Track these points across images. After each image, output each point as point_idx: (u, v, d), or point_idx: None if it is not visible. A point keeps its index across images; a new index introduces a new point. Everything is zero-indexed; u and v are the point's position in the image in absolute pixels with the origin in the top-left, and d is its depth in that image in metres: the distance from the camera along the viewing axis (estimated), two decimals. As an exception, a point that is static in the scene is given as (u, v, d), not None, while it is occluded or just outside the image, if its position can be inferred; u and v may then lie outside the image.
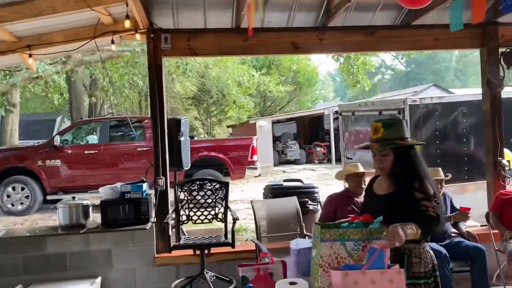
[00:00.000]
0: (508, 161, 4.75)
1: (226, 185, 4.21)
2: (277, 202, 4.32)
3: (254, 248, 4.08)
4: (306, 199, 4.67)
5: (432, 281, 2.18)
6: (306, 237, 4.44)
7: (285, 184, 5.15)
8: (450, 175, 4.44)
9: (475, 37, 4.68)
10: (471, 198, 4.88)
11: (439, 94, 15.01)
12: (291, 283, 1.78)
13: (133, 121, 9.39)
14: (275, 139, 16.50)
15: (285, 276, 2.11)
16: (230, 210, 4.13)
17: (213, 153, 9.42)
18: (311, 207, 4.62)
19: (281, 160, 16.79)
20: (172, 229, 4.05)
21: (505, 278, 4.00)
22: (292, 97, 20.97)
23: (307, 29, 4.53)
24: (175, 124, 4.43)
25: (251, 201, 4.32)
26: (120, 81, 12.33)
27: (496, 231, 4.36)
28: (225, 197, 4.18)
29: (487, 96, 4.71)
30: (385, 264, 1.78)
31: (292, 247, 2.23)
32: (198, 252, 3.80)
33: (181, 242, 3.94)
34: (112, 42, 4.14)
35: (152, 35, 4.17)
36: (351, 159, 7.93)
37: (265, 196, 5.09)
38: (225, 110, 17.90)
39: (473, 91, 8.55)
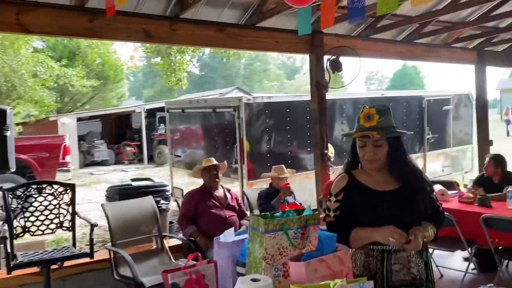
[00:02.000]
0: (331, 154, 5.50)
1: (72, 188, 3.63)
2: (131, 203, 3.96)
3: (108, 256, 3.68)
4: (159, 198, 4.41)
5: None
6: (166, 237, 4.22)
7: (135, 183, 4.75)
8: (295, 171, 4.87)
9: (306, 44, 5.24)
10: (300, 187, 5.41)
11: (244, 95, 16.29)
12: (253, 280, 1.65)
13: None
14: (79, 138, 15.04)
15: (216, 276, 1.95)
16: (79, 216, 3.58)
17: (12, 154, 7.95)
18: (163, 206, 4.38)
19: (87, 161, 15.43)
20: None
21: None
22: (96, 93, 19.43)
23: (160, 17, 4.29)
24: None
25: (102, 204, 3.83)
26: None
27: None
28: (72, 202, 3.60)
29: (315, 97, 5.33)
30: (335, 246, 1.83)
31: (223, 241, 2.07)
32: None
33: (20, 259, 3.21)
34: None
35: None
36: (180, 157, 7.87)
37: (111, 198, 4.59)
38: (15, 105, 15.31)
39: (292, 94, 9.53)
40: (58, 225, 3.52)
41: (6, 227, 3.30)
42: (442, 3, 5.31)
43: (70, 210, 3.56)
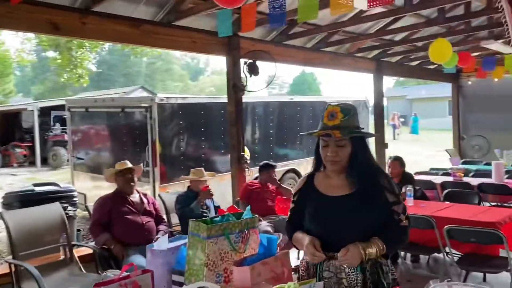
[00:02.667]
0: (247, 156, 5.56)
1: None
2: (36, 211, 3.58)
3: (8, 270, 3.30)
4: (66, 205, 4.06)
5: None
6: (75, 246, 3.89)
7: (38, 189, 4.29)
8: (215, 173, 4.82)
9: (223, 46, 5.24)
10: (214, 189, 5.35)
11: (148, 95, 15.72)
12: (200, 288, 1.58)
13: None
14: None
15: (153, 286, 1.83)
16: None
17: None
18: (71, 213, 4.04)
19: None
20: None
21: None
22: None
23: (69, 9, 3.97)
24: None
25: (0, 213, 3.41)
26: None
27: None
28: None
29: (232, 99, 5.36)
30: (277, 249, 1.84)
31: (156, 249, 1.96)
32: None
33: None
34: None
35: None
36: (83, 159, 7.35)
37: (9, 206, 4.10)
38: None
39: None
40: None
41: None
42: (347, 15, 5.68)
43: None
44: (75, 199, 4.40)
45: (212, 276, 1.78)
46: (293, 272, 1.92)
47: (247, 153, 5.55)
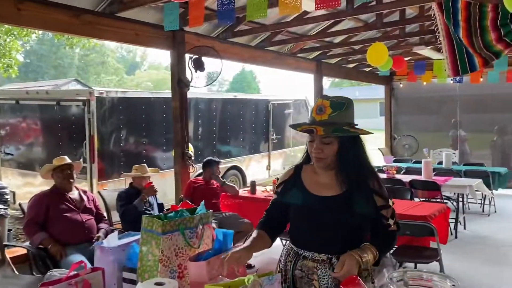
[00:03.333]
0: (191, 152, 5.50)
1: None
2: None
3: None
4: (-4, 203, 3.78)
5: None
6: (7, 246, 3.64)
7: (-37, 186, 3.95)
8: (158, 169, 4.72)
9: (167, 40, 5.14)
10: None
11: (82, 88, 14.97)
12: (158, 284, 1.54)
13: None
14: None
15: (104, 284, 1.77)
16: None
17: None
18: (2, 211, 3.78)
19: None
20: None
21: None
22: None
23: (3, -7, 3.69)
24: None
25: None
26: None
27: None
28: None
29: (177, 95, 5.27)
30: (232, 244, 1.85)
31: (106, 246, 1.89)
32: None
33: None
34: None
35: None
36: (12, 155, 6.88)
37: None
38: None
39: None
40: None
41: None
42: (291, 15, 5.81)
43: None
44: (6, 196, 4.11)
45: (166, 272, 1.76)
46: (247, 269, 1.94)
47: (191, 150, 5.50)
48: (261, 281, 1.48)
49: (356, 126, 1.73)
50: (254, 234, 1.83)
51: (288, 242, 1.91)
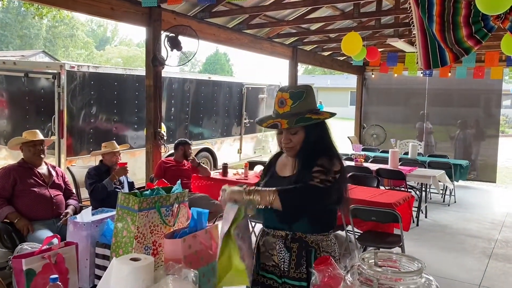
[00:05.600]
0: (164, 132, 5.46)
1: None
2: None
3: None
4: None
5: None
6: None
7: None
8: (128, 145, 4.65)
9: (143, 16, 5.04)
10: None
11: (50, 61, 14.45)
12: (133, 259, 1.55)
13: None
14: None
15: (77, 259, 1.76)
16: None
17: None
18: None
19: None
20: None
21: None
22: None
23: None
24: None
25: None
26: None
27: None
28: None
29: (151, 73, 5.19)
30: (206, 223, 1.87)
31: (80, 221, 1.87)
32: None
33: None
34: None
35: None
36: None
37: None
38: None
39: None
40: None
41: None
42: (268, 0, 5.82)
43: None
44: (-31, 169, 3.97)
45: (141, 249, 1.77)
46: None
47: (163, 130, 5.46)
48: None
49: (318, 111, 1.79)
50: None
51: None
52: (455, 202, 7.30)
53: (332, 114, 1.81)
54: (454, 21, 4.19)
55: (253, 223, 4.48)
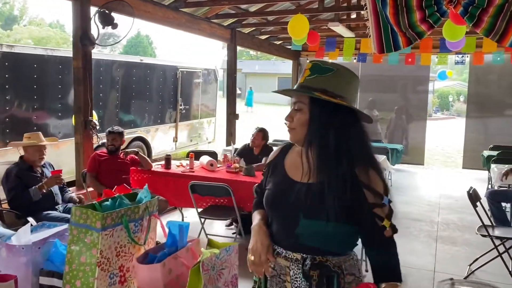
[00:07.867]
0: (96, 121, 4.86)
1: None
2: None
3: None
4: None
5: None
6: None
7: None
8: (57, 139, 4.03)
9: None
10: (48, 158, 4.54)
11: None
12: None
13: None
14: None
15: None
16: None
17: None
18: None
19: None
20: None
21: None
22: None
23: None
24: None
25: None
26: None
27: (93, 189, 4.43)
28: None
29: (79, 54, 4.57)
30: (187, 239, 1.50)
31: (16, 243, 1.40)
32: None
33: None
34: None
35: None
36: None
37: None
38: None
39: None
40: None
41: None
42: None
43: None
44: None
45: (105, 277, 1.37)
46: None
47: (95, 118, 4.85)
48: (218, 252, 1.33)
49: (338, 97, 1.34)
50: (259, 215, 1.51)
51: None
52: (391, 185, 7.47)
53: (351, 106, 1.36)
54: (407, 5, 4.11)
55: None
